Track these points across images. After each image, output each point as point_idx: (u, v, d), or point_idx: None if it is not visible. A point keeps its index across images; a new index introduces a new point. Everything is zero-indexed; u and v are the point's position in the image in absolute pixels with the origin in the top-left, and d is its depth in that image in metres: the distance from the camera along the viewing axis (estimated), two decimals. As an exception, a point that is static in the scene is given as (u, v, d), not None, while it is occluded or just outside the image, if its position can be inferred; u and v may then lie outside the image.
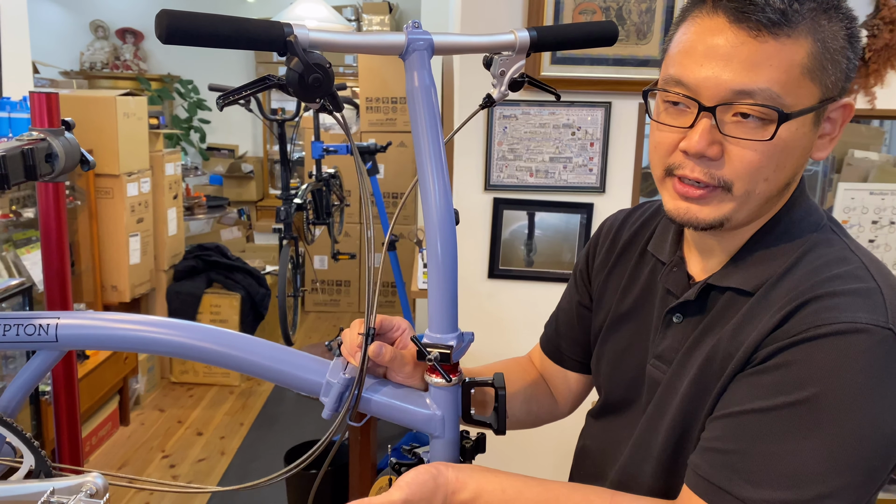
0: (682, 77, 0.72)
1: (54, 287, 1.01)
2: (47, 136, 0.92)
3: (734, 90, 0.69)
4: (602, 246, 0.99)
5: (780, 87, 0.68)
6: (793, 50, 0.68)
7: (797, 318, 0.70)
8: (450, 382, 0.75)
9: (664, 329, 0.84)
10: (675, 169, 0.75)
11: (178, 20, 0.62)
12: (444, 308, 0.75)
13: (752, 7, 0.68)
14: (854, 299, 0.69)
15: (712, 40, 0.70)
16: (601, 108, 2.00)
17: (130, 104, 3.28)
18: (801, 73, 0.69)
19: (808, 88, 0.70)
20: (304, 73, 0.67)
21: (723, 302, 0.78)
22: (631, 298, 0.91)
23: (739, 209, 0.74)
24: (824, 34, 0.70)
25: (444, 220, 0.74)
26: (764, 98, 0.69)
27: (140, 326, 0.77)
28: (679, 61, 0.72)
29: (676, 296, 0.83)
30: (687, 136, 0.72)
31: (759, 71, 0.68)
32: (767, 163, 0.71)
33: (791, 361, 0.68)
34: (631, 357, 0.90)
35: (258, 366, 0.78)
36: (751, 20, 0.68)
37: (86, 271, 3.25)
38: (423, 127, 0.74)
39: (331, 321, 4.94)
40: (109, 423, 3.20)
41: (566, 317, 1.05)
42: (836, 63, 0.71)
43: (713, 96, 0.70)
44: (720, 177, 0.72)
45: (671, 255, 0.87)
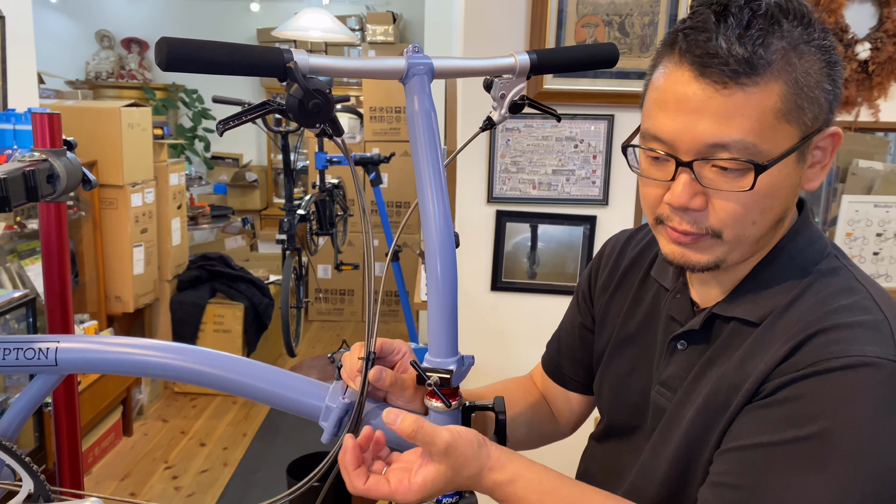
0: (657, 132, 0.71)
1: (55, 307, 1.01)
2: (49, 157, 0.92)
3: (708, 144, 0.68)
4: (605, 268, 0.99)
5: (754, 135, 0.67)
6: (763, 97, 0.67)
7: (805, 351, 0.69)
8: (450, 407, 0.75)
9: (668, 356, 0.84)
10: (664, 220, 0.75)
11: (178, 48, 0.62)
12: (444, 332, 0.75)
13: (714, 60, 0.67)
14: (862, 332, 0.68)
15: (682, 91, 0.69)
16: (604, 120, 2.00)
17: (135, 115, 3.29)
18: (775, 117, 0.68)
19: (784, 131, 0.69)
20: (304, 98, 0.67)
21: (728, 332, 0.78)
22: (634, 323, 0.91)
23: (732, 251, 0.74)
24: (796, 73, 0.68)
25: (445, 243, 0.74)
26: (739, 149, 0.68)
27: (139, 350, 0.77)
28: (654, 115, 0.72)
29: (680, 323, 0.83)
30: (670, 190, 0.72)
31: (731, 123, 0.67)
32: (752, 209, 0.71)
33: (800, 395, 0.68)
34: (634, 382, 0.89)
35: (256, 389, 0.78)
36: (714, 73, 0.67)
37: (89, 282, 3.26)
38: (423, 151, 0.74)
39: (334, 331, 4.93)
40: (112, 434, 3.20)
41: (568, 338, 1.04)
42: (812, 99, 0.69)
43: (689, 150, 0.69)
44: (707, 226, 0.72)
45: (674, 281, 0.87)
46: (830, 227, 2.17)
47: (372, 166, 3.35)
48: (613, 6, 1.90)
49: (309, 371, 2.34)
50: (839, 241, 2.11)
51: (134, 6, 6.30)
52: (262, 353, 4.10)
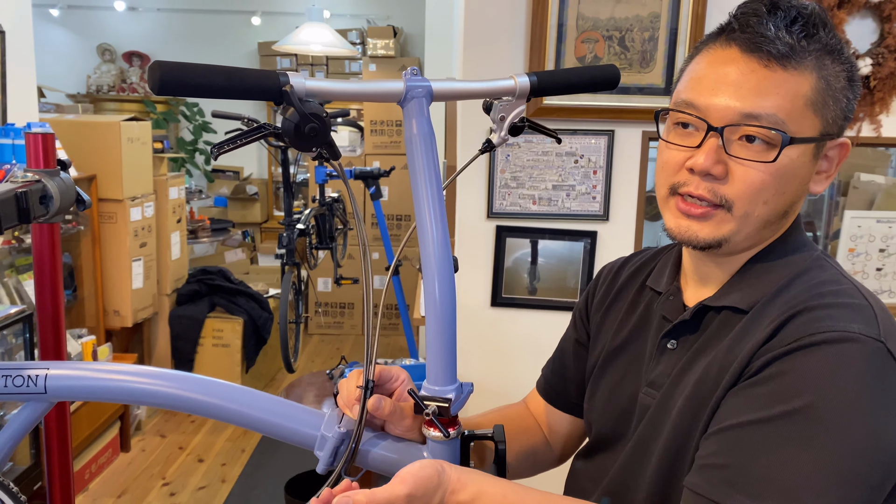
0: (693, 100, 0.76)
1: (48, 329, 0.99)
2: (42, 178, 0.90)
3: (742, 113, 0.73)
4: (601, 286, 1.01)
5: (785, 114, 0.72)
6: (799, 82, 0.73)
7: (790, 328, 0.71)
8: (448, 437, 0.73)
9: (658, 356, 0.84)
10: (680, 187, 0.77)
11: (171, 72, 0.61)
12: (443, 359, 0.73)
13: (763, 39, 0.73)
14: (846, 311, 0.71)
15: (724, 69, 0.74)
16: (604, 136, 1.99)
17: (135, 129, 3.28)
18: (805, 104, 0.73)
19: (810, 119, 0.74)
20: (300, 122, 0.66)
21: (718, 322, 0.80)
22: (626, 331, 0.92)
23: (738, 230, 0.76)
24: (828, 72, 0.74)
25: (443, 268, 0.72)
26: (770, 122, 0.72)
27: (131, 377, 0.75)
28: (691, 87, 0.77)
29: (671, 320, 0.84)
30: (695, 155, 0.75)
31: (767, 97, 0.72)
32: (769, 185, 0.74)
33: (785, 371, 0.69)
34: (624, 389, 0.89)
35: (249, 418, 0.76)
36: (762, 51, 0.73)
37: (88, 296, 3.24)
38: (421, 175, 0.72)
39: (334, 344, 4.91)
40: (110, 450, 3.17)
41: (563, 357, 1.04)
42: (837, 100, 0.75)
43: (722, 118, 0.74)
44: (723, 195, 0.75)
45: (668, 285, 0.89)
46: (833, 241, 2.16)
47: (372, 180, 3.34)
48: (614, 21, 1.89)
49: (307, 388, 2.32)
50: (842, 256, 2.10)
51: (135, 20, 6.32)
52: (262, 368, 4.08)
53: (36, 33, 2.99)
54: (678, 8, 1.88)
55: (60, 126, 3.15)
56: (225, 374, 3.76)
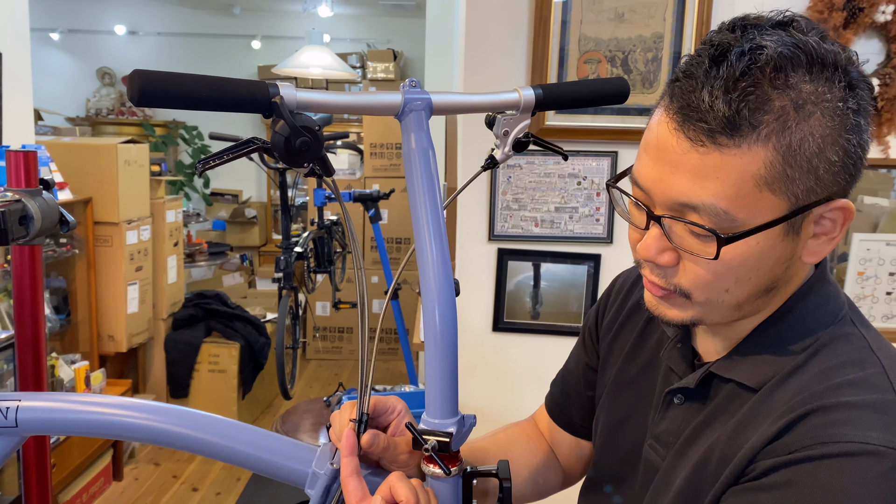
0: (638, 177, 0.67)
1: (27, 358, 0.94)
2: (22, 197, 0.86)
3: (679, 202, 0.63)
4: (612, 305, 0.93)
5: (728, 202, 0.60)
6: (743, 161, 0.59)
7: (801, 430, 0.61)
8: (449, 474, 0.68)
9: (664, 409, 0.78)
10: (640, 266, 0.71)
11: (151, 82, 0.57)
12: (444, 390, 0.68)
13: (693, 114, 0.60)
14: (867, 414, 0.61)
15: (665, 140, 0.63)
16: (607, 157, 1.95)
17: (132, 151, 3.26)
18: (756, 185, 0.60)
19: (767, 201, 0.61)
20: (290, 136, 0.61)
21: (725, 394, 0.72)
22: (635, 367, 0.85)
23: (708, 314, 0.69)
24: (790, 139, 0.59)
25: (444, 292, 0.67)
26: (709, 213, 0.61)
27: (110, 410, 0.70)
28: (640, 157, 0.67)
29: (678, 375, 0.77)
30: (643, 239, 0.67)
31: (704, 184, 0.61)
32: (722, 278, 0.65)
33: (792, 482, 0.60)
34: (628, 431, 0.83)
35: (237, 453, 0.71)
36: (691, 128, 0.60)
37: (82, 321, 3.19)
38: (420, 192, 0.68)
39: (332, 369, 4.84)
40: (102, 479, 3.09)
41: (573, 379, 0.98)
42: (809, 169, 0.60)
43: (662, 203, 0.65)
44: (676, 283, 0.67)
45: (676, 329, 0.80)
46: (840, 263, 2.11)
47: (371, 203, 3.30)
48: (616, 42, 1.87)
49: (304, 415, 2.26)
50: (850, 280, 2.05)
51: (135, 43, 6.35)
52: (258, 394, 4.01)
53: (36, 57, 2.97)
54: (681, 29, 1.85)
55: (57, 148, 3.12)
56: (221, 401, 3.69)
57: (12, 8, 2.78)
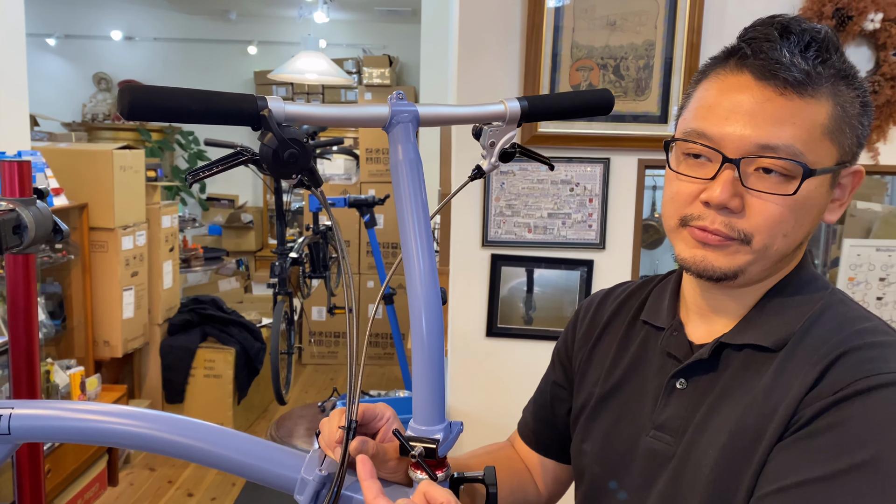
0: (705, 130, 0.72)
1: (21, 366, 0.95)
2: (16, 207, 0.87)
3: (759, 144, 0.69)
4: (582, 322, 0.96)
5: (802, 144, 0.69)
6: (816, 110, 0.69)
7: (838, 372, 0.67)
8: (436, 480, 0.69)
9: (666, 396, 0.79)
10: (692, 220, 0.74)
11: (140, 95, 0.58)
12: (430, 397, 0.69)
13: (778, 66, 0.69)
14: (892, 350, 0.68)
15: (737, 97, 0.71)
16: (599, 163, 1.97)
17: (127, 157, 3.26)
18: (823, 133, 0.70)
19: (827, 148, 0.71)
20: (278, 148, 0.63)
21: (739, 361, 0.75)
22: (619, 371, 0.87)
23: (755, 262, 0.73)
24: (843, 98, 0.71)
25: (430, 301, 0.69)
26: (787, 154, 0.69)
27: (102, 417, 0.71)
28: (702, 115, 0.73)
29: (680, 360, 0.79)
30: (709, 188, 0.71)
31: (784, 127, 0.69)
32: (788, 218, 0.71)
33: (842, 420, 0.65)
34: (620, 432, 0.84)
35: (227, 460, 0.72)
36: (777, 78, 0.69)
37: (77, 326, 3.19)
38: (407, 202, 0.69)
39: (328, 374, 4.85)
40: (97, 485, 3.09)
41: (542, 399, 1.00)
42: (853, 127, 0.72)
43: (737, 149, 0.70)
44: (741, 229, 0.71)
45: (669, 319, 0.84)
46: (831, 268, 2.13)
47: (366, 208, 3.31)
48: (608, 50, 1.88)
49: (298, 421, 2.26)
50: (842, 285, 2.06)
51: (132, 49, 6.36)
52: (254, 399, 4.01)
53: (32, 62, 2.98)
54: (673, 37, 1.87)
55: (52, 154, 3.12)
56: (216, 406, 3.69)
57: (8, 13, 2.79)
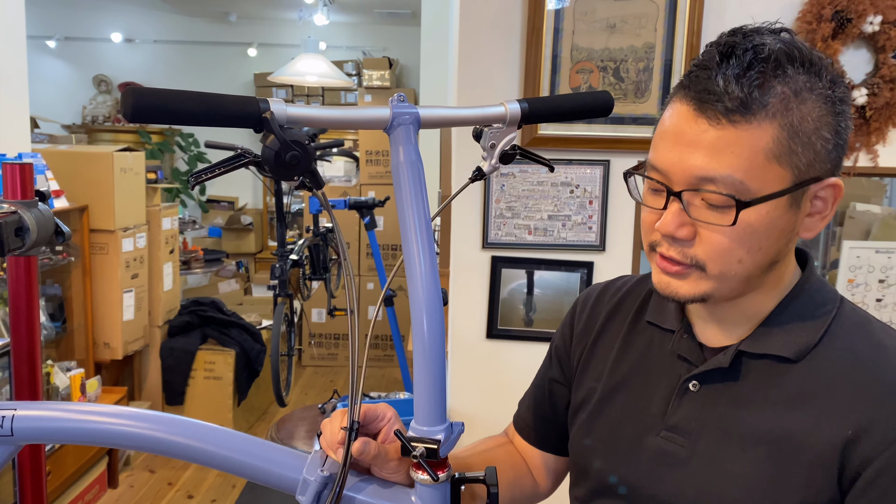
0: (655, 162, 0.74)
1: (23, 368, 0.95)
2: (18, 209, 0.87)
3: (698, 177, 0.70)
4: (579, 318, 0.97)
5: (742, 173, 0.69)
6: (755, 136, 0.69)
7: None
8: (437, 480, 0.69)
9: (679, 398, 0.80)
10: (656, 246, 0.76)
11: (144, 98, 0.58)
12: (432, 397, 0.69)
13: (710, 97, 0.69)
14: None
15: (681, 126, 0.72)
16: (600, 165, 1.97)
17: (128, 159, 3.27)
18: (766, 158, 0.69)
19: (775, 172, 0.70)
20: (280, 150, 0.63)
21: (758, 370, 0.76)
22: (624, 368, 0.88)
23: (719, 287, 0.74)
24: (792, 117, 0.69)
25: (432, 302, 0.69)
26: (726, 185, 0.69)
27: (104, 418, 0.72)
28: (656, 146, 0.75)
29: (692, 363, 0.81)
30: (661, 218, 0.74)
31: (721, 158, 0.69)
32: (736, 245, 0.71)
33: None
34: (625, 430, 0.84)
35: (228, 460, 0.72)
36: (710, 109, 0.69)
37: (77, 328, 3.19)
38: (408, 204, 0.69)
39: (328, 376, 4.85)
40: (97, 487, 3.09)
41: (539, 394, 1.01)
42: (808, 144, 0.70)
43: (681, 181, 0.71)
44: (692, 256, 0.73)
45: (676, 322, 0.84)
46: (831, 270, 2.13)
47: (366, 210, 3.32)
48: (608, 52, 1.89)
49: (299, 422, 2.27)
50: (841, 286, 2.07)
51: (132, 51, 6.36)
52: (254, 401, 4.01)
53: (32, 64, 2.98)
54: (672, 39, 1.87)
55: (53, 156, 3.13)
56: (216, 408, 3.69)
57: (8, 16, 2.80)
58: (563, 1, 1.86)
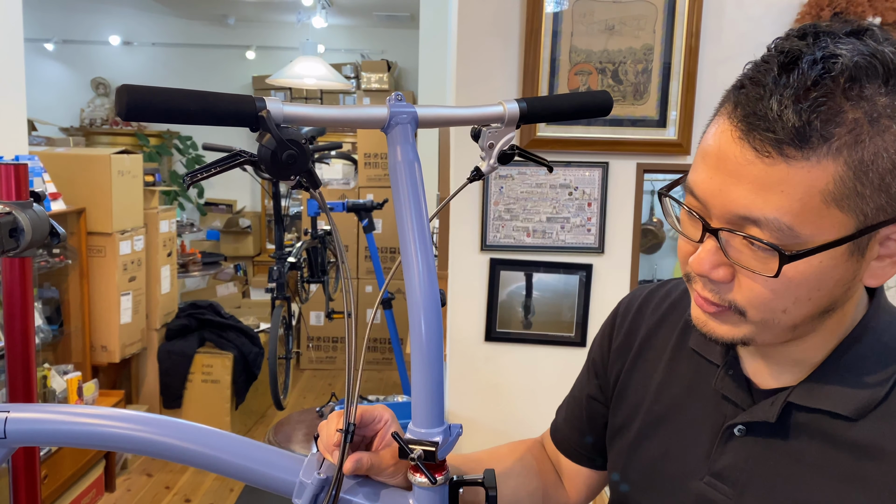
0: (693, 186, 0.63)
1: (17, 370, 0.94)
2: (13, 210, 0.87)
3: (739, 215, 0.59)
4: (619, 330, 0.88)
5: (792, 217, 0.57)
6: (811, 175, 0.55)
7: None
8: (435, 483, 0.69)
9: (723, 443, 0.72)
10: (690, 280, 0.67)
11: (138, 96, 0.58)
12: (429, 399, 0.68)
13: (760, 123, 0.56)
14: None
15: (724, 150, 0.59)
16: (598, 168, 1.96)
17: (125, 162, 3.26)
18: (824, 201, 0.56)
19: (834, 218, 0.57)
20: (276, 149, 0.62)
21: (811, 427, 0.66)
22: (669, 399, 0.79)
23: (761, 333, 0.64)
24: (863, 153, 0.55)
25: (429, 303, 0.68)
26: (771, 228, 0.57)
27: (99, 420, 0.71)
28: (696, 166, 0.63)
29: (737, 405, 0.72)
30: (696, 252, 0.63)
31: (768, 197, 0.57)
32: (781, 298, 0.61)
33: None
34: (668, 469, 0.77)
35: (225, 463, 0.71)
36: (758, 138, 0.57)
37: (75, 331, 3.18)
38: (406, 204, 0.69)
39: (326, 379, 4.83)
40: (94, 491, 3.08)
41: (576, 408, 0.94)
42: (880, 187, 0.57)
43: (720, 216, 0.61)
44: (730, 300, 0.63)
45: (723, 356, 0.75)
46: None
47: (365, 213, 3.31)
48: (607, 54, 1.89)
49: (296, 426, 2.26)
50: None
51: (130, 54, 6.36)
52: (252, 405, 4.00)
53: (30, 67, 2.98)
54: (671, 41, 1.87)
55: (50, 159, 3.12)
56: (214, 411, 3.68)
57: (6, 18, 2.79)
58: (562, 3, 1.86)
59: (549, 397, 2.01)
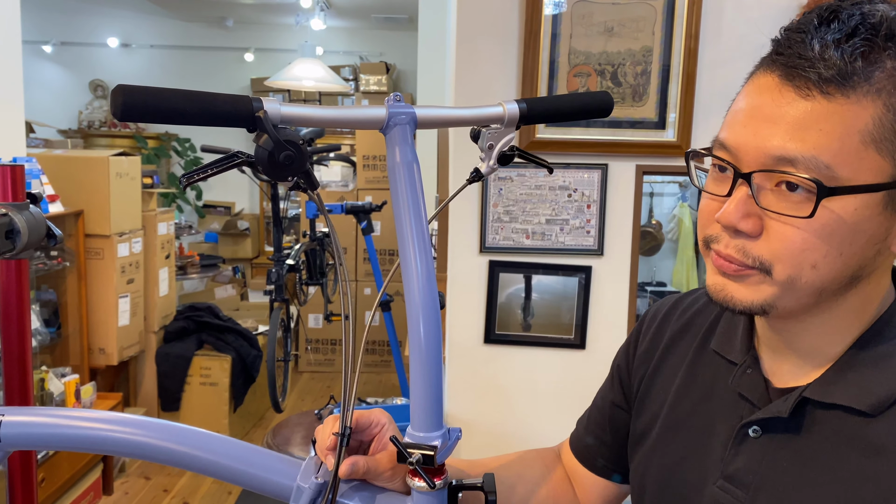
0: (725, 139, 0.63)
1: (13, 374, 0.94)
2: (9, 211, 0.86)
3: (775, 156, 0.58)
4: (645, 336, 0.87)
5: (830, 156, 0.56)
6: (851, 113, 0.56)
7: None
8: (433, 488, 0.68)
9: (737, 444, 0.70)
10: (713, 242, 0.64)
11: (133, 96, 0.57)
12: (428, 403, 0.68)
13: (801, 62, 0.57)
14: None
15: (758, 99, 0.60)
16: (597, 169, 1.96)
17: (124, 164, 3.26)
18: (862, 141, 0.56)
19: (872, 161, 0.57)
20: (274, 150, 0.62)
21: (827, 424, 0.64)
22: (688, 403, 0.77)
23: (783, 296, 0.61)
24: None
25: (428, 305, 0.68)
26: (808, 167, 0.57)
27: (94, 424, 0.70)
28: (726, 124, 0.64)
29: (753, 403, 0.70)
30: (724, 206, 0.62)
31: (806, 136, 0.57)
32: (813, 246, 0.59)
33: None
34: (684, 474, 0.75)
35: (222, 467, 0.70)
36: (801, 77, 0.57)
37: (73, 334, 3.17)
38: (405, 205, 0.68)
39: (324, 382, 4.83)
40: (91, 494, 3.07)
41: (598, 416, 0.92)
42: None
43: (752, 161, 0.60)
44: (757, 255, 0.61)
45: (743, 354, 0.73)
46: None
47: (363, 214, 3.31)
48: (606, 56, 1.88)
49: (295, 429, 2.25)
50: None
51: (128, 56, 6.36)
52: (250, 407, 3.99)
53: (28, 69, 2.98)
54: (670, 43, 1.87)
55: (48, 161, 3.12)
56: (212, 414, 3.67)
57: (4, 20, 2.79)
58: (561, 5, 1.86)
59: (548, 399, 2.01)
